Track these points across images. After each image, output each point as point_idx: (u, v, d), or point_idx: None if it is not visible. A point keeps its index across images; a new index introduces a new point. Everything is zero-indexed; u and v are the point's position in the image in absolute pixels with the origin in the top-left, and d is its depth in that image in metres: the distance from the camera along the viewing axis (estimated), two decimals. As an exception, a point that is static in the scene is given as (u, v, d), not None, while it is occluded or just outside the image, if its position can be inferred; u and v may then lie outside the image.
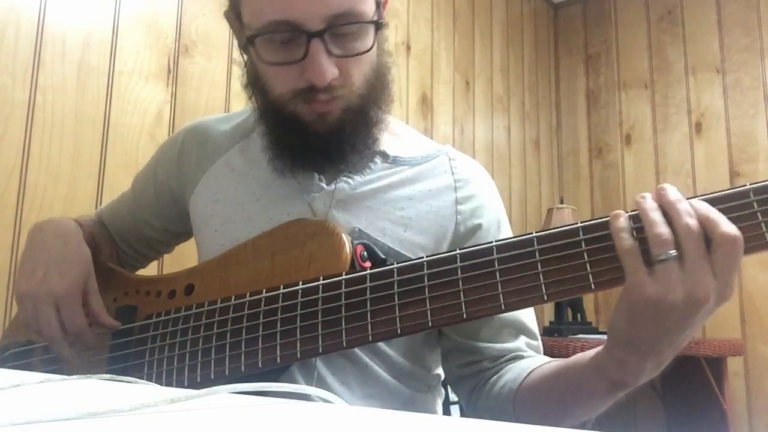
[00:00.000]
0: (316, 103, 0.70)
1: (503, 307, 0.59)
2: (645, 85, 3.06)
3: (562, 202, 2.89)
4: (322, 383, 0.70)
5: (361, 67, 0.72)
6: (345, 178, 0.78)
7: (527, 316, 0.78)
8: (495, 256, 0.60)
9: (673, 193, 0.55)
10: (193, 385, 0.67)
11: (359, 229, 0.74)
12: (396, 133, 0.86)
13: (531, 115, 3.09)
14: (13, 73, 1.32)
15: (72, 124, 1.40)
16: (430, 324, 0.60)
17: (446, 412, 0.86)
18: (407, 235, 0.76)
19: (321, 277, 0.65)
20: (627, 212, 0.57)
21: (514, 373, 0.73)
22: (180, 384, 0.69)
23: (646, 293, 0.53)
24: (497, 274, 0.59)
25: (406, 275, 0.62)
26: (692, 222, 0.53)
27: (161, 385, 0.66)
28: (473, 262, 0.60)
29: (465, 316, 0.59)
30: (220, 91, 1.71)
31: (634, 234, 0.55)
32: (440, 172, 0.82)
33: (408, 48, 2.37)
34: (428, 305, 0.61)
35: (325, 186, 0.77)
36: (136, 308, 0.78)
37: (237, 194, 0.81)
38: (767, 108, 2.73)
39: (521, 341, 0.77)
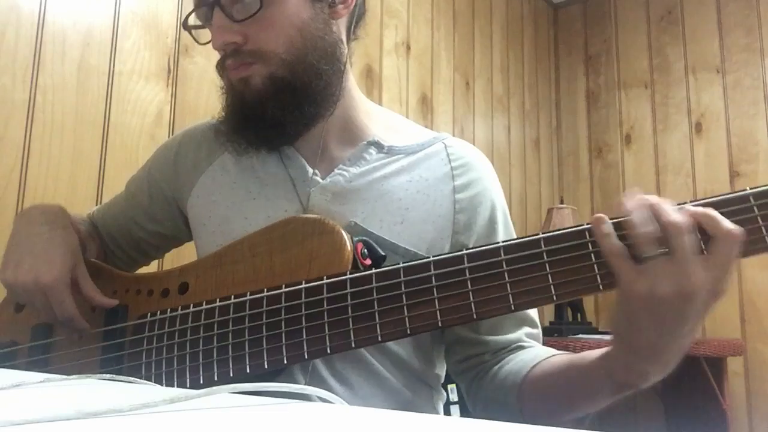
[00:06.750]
0: (230, 71, 0.75)
1: (513, 307, 0.60)
2: (645, 85, 3.06)
3: (562, 202, 2.89)
4: (322, 383, 0.70)
5: (273, 31, 0.73)
6: (340, 171, 0.78)
7: None
8: (503, 257, 0.60)
9: (654, 197, 0.56)
10: (196, 387, 0.67)
11: (355, 223, 0.74)
12: (390, 123, 0.86)
13: (531, 115, 3.09)
14: (13, 73, 1.32)
15: (72, 124, 1.40)
16: (440, 324, 0.61)
17: (446, 412, 0.86)
18: (405, 226, 0.75)
19: (325, 277, 0.65)
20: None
21: (517, 364, 0.73)
22: (181, 386, 0.68)
23: (637, 289, 0.54)
24: (506, 274, 0.60)
25: (412, 275, 0.62)
26: (679, 218, 0.54)
27: (161, 386, 0.66)
28: (481, 263, 0.61)
29: (475, 316, 0.60)
30: (220, 91, 1.70)
31: (621, 235, 0.56)
32: (437, 161, 0.81)
33: (408, 48, 2.37)
34: (437, 305, 0.61)
35: (320, 180, 0.77)
36: (127, 308, 0.76)
37: (233, 194, 0.81)
38: (767, 108, 2.73)
39: (522, 331, 0.77)
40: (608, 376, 0.62)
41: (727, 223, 0.53)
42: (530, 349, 0.76)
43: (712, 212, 0.54)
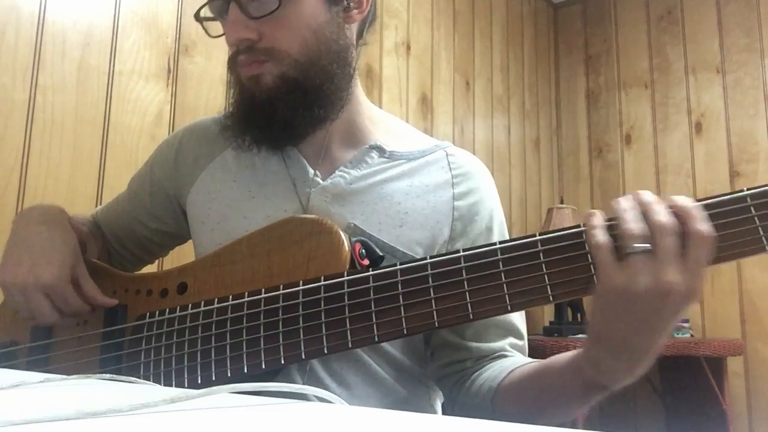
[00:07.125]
0: (242, 67, 0.74)
1: (509, 308, 0.59)
2: (645, 85, 3.06)
3: (562, 202, 2.89)
4: (319, 383, 0.70)
5: (289, 31, 0.73)
6: (341, 173, 0.78)
7: (516, 315, 0.79)
8: (500, 257, 0.60)
9: (649, 195, 0.57)
10: (194, 387, 0.67)
11: (354, 225, 0.74)
12: (393, 129, 0.86)
13: (531, 115, 3.09)
14: (13, 73, 1.32)
15: (72, 124, 1.40)
16: (436, 324, 0.61)
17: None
18: (403, 231, 0.76)
19: (322, 277, 0.65)
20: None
21: (494, 371, 0.73)
22: (180, 386, 0.68)
23: (614, 282, 0.54)
24: (502, 275, 0.60)
25: (409, 275, 0.62)
26: (667, 219, 0.54)
27: (160, 386, 0.66)
28: (478, 263, 0.60)
29: (471, 317, 0.60)
30: (220, 91, 1.71)
31: (608, 231, 0.56)
32: (438, 168, 0.82)
33: (408, 48, 2.37)
34: (434, 306, 0.61)
35: (320, 181, 0.78)
36: (126, 308, 0.76)
37: (233, 192, 0.81)
38: (767, 108, 2.73)
39: (506, 341, 0.77)
40: (577, 375, 0.62)
41: (699, 224, 0.54)
42: (511, 357, 0.76)
43: (693, 210, 0.54)
